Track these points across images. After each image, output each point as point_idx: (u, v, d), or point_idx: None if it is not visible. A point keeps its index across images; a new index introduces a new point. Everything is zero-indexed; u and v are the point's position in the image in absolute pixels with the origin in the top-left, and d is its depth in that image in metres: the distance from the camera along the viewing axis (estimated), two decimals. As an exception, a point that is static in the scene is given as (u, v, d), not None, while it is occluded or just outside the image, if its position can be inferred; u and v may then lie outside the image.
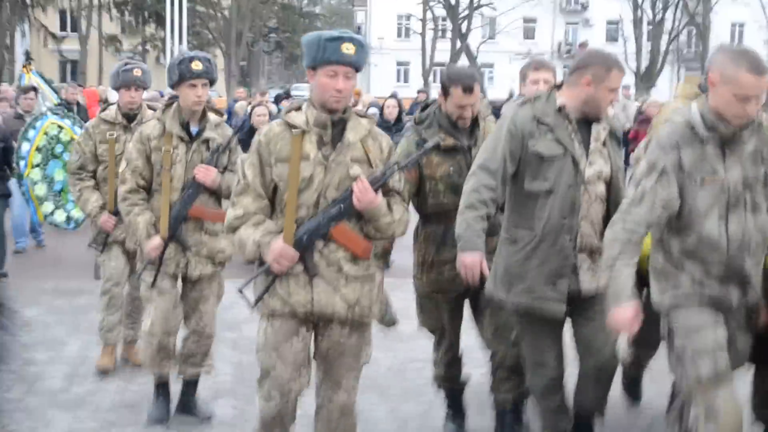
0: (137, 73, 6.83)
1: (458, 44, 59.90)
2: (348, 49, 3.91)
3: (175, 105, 5.60)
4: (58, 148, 9.95)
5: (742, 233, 4.07)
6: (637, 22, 61.89)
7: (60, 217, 10.06)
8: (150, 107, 8.18)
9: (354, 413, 4.32)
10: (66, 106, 13.34)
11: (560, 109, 4.57)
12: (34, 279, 11.02)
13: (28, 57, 31.29)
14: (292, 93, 36.59)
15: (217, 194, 5.62)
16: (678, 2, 61.73)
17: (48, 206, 10.12)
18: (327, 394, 4.18)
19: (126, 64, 7.11)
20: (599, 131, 4.71)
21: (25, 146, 10.19)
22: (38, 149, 10.02)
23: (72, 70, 60.66)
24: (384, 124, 13.12)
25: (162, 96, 16.20)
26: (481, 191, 4.51)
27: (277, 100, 23.69)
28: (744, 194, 4.08)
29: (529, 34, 69.37)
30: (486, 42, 63.17)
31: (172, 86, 5.63)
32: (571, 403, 5.01)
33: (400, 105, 14.98)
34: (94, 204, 6.70)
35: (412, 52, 65.56)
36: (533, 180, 4.56)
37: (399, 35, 70.44)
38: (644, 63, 61.72)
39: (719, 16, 63.66)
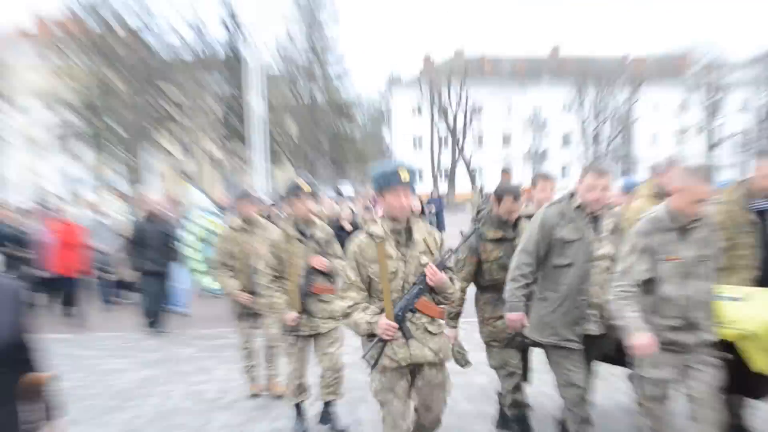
0: (251, 192, 8.46)
1: (456, 154, 64.92)
2: (404, 174, 4.57)
3: (291, 217, 6.47)
4: (212, 237, 10.94)
5: (695, 294, 4.68)
6: (583, 133, 67.83)
7: (216, 285, 10.76)
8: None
9: (440, 424, 4.91)
10: (220, 208, 13.86)
11: (578, 207, 5.22)
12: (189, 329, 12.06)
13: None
14: (340, 188, 40.13)
15: (328, 276, 6.34)
16: (612, 117, 67.36)
17: (207, 279, 11.50)
18: (421, 416, 4.78)
19: (242, 189, 8.71)
20: (607, 224, 5.29)
21: (190, 237, 11.58)
22: (201, 239, 11.48)
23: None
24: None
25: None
26: (522, 268, 5.28)
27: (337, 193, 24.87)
28: (695, 268, 4.67)
29: (506, 141, 73.08)
30: (476, 152, 67.48)
31: (285, 200, 6.67)
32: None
33: (420, 201, 15.61)
34: (233, 287, 7.58)
35: (424, 159, 67.47)
36: (558, 258, 5.21)
37: (414, 148, 71.55)
38: (589, 159, 65.30)
39: (640, 127, 69.45)
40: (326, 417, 6.55)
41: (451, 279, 4.68)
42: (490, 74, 74.26)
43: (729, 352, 4.72)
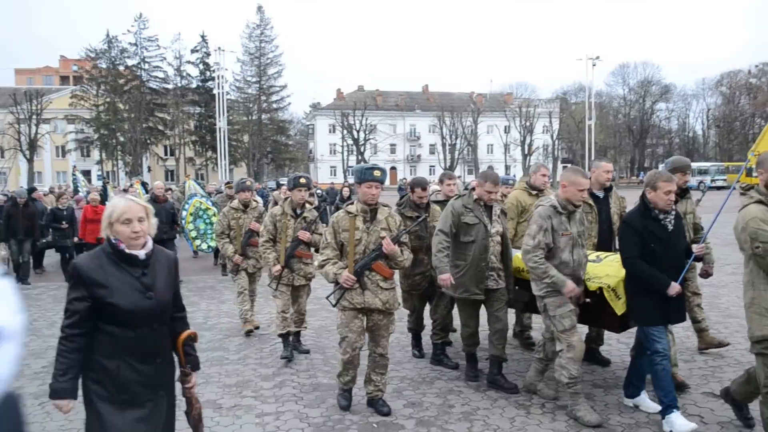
0: (248, 183, 8.08)
1: (359, 158, 68.88)
2: (377, 173, 4.72)
3: (289, 199, 6.55)
4: (200, 212, 12.37)
5: (579, 258, 4.79)
6: (443, 146, 72.87)
7: (204, 246, 12.53)
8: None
9: (387, 358, 4.97)
10: (208, 193, 15.13)
11: (476, 200, 5.38)
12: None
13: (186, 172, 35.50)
14: (280, 182, 38.71)
15: (309, 245, 6.49)
16: (462, 135, 72.75)
17: (197, 242, 12.47)
18: (372, 348, 4.92)
19: (242, 179, 8.38)
20: (496, 210, 5.47)
21: (183, 213, 12.25)
22: (191, 214, 12.31)
23: (171, 175, 65.92)
24: (341, 199, 15.23)
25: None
26: (443, 243, 5.32)
27: (277, 186, 24.84)
28: (578, 239, 4.80)
29: (392, 151, 79.33)
30: (372, 156, 72.23)
31: (290, 189, 6.58)
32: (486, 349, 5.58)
33: (351, 189, 15.76)
34: (231, 251, 7.65)
35: (337, 162, 73.54)
36: (464, 236, 5.34)
37: (330, 153, 77.88)
38: (448, 163, 71.16)
39: (481, 142, 76.19)
40: (296, 343, 6.68)
41: (402, 251, 4.79)
42: (382, 104, 79.45)
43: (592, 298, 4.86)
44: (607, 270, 4.83)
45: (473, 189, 5.50)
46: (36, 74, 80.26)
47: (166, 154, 67.77)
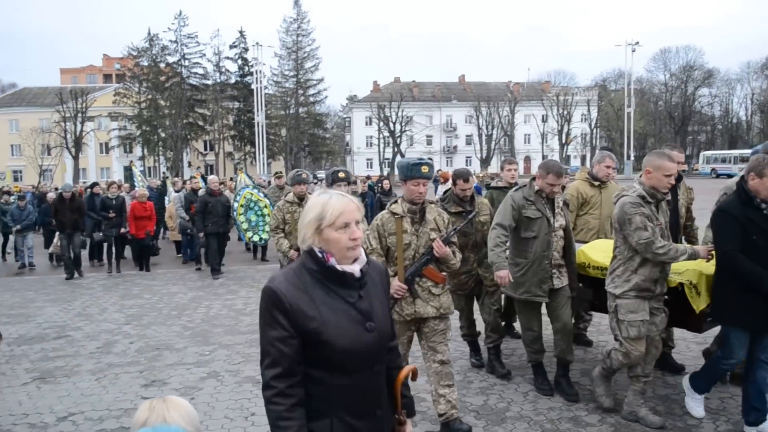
0: (304, 176, 7.61)
1: (395, 150, 69.16)
2: (425, 169, 4.22)
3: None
4: (251, 204, 12.11)
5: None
6: (480, 136, 72.64)
7: (256, 238, 12.28)
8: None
9: (450, 365, 4.42)
10: (258, 185, 14.79)
11: (537, 191, 4.95)
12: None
13: (236, 165, 36.24)
14: (318, 174, 45.27)
15: None
16: (498, 125, 72.20)
17: (249, 233, 12.16)
18: (430, 358, 4.38)
19: (298, 171, 7.83)
20: (558, 202, 5.04)
21: (234, 205, 12.08)
22: (242, 206, 12.06)
23: (210, 170, 65.01)
24: (381, 191, 14.39)
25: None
26: (501, 237, 4.89)
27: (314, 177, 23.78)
28: (665, 230, 4.38)
29: (428, 142, 79.00)
30: (408, 148, 72.02)
31: (329, 185, 6.15)
32: (551, 350, 5.20)
33: (390, 182, 15.28)
34: (286, 246, 7.18)
35: (374, 154, 74.18)
36: (525, 231, 4.93)
37: (367, 145, 77.46)
38: (484, 154, 71.60)
39: (518, 132, 75.11)
40: None
41: (453, 252, 4.35)
42: (418, 95, 79.66)
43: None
44: (686, 264, 4.40)
45: (533, 179, 5.07)
46: (80, 73, 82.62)
47: (205, 149, 68.97)
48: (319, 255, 2.15)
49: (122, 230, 12.31)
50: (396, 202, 4.40)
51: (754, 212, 4.00)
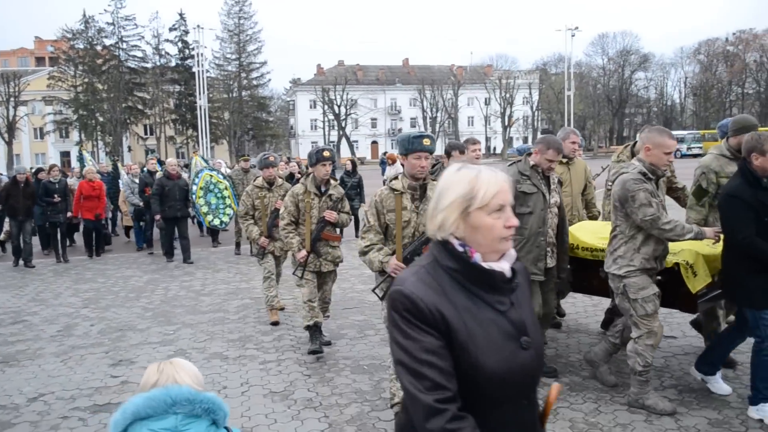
0: (271, 159, 7.22)
1: (341, 133, 69.11)
2: (427, 142, 4.03)
3: (311, 175, 5.72)
4: (211, 186, 11.74)
5: None
6: (425, 119, 73.33)
7: (216, 222, 11.93)
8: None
9: None
10: (213, 167, 13.56)
11: (533, 167, 4.73)
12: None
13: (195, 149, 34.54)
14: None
15: (336, 225, 5.79)
16: (443, 108, 73.21)
17: (209, 217, 11.83)
18: None
19: (264, 154, 7.37)
20: (553, 179, 4.86)
21: (193, 187, 11.66)
22: (201, 188, 11.66)
23: (150, 153, 68.97)
24: (345, 173, 13.18)
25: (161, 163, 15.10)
26: None
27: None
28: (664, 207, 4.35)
29: (373, 125, 79.64)
30: (353, 131, 73.20)
31: (312, 165, 5.71)
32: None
33: (354, 162, 13.76)
34: (256, 233, 6.96)
35: (319, 137, 72.83)
36: (520, 206, 4.57)
37: (312, 129, 77.34)
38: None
39: (462, 114, 76.91)
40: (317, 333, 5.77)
41: None
42: (362, 78, 79.57)
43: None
44: (681, 245, 4.31)
45: (529, 154, 4.87)
46: (11, 56, 79.31)
47: (146, 134, 67.67)
48: (460, 249, 1.64)
49: (68, 215, 11.84)
50: (396, 177, 4.25)
51: (763, 193, 3.93)
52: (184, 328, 6.92)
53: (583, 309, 6.59)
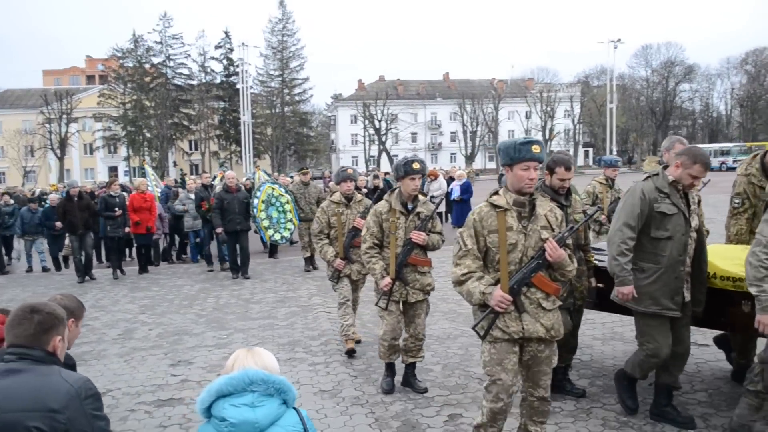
0: (350, 172, 6.35)
1: (381, 147, 70.03)
2: (536, 149, 3.42)
3: (397, 191, 5.04)
4: (273, 200, 11.49)
5: None
6: (465, 133, 72.87)
7: (277, 237, 11.61)
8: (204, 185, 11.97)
9: (549, 402, 3.66)
10: (275, 181, 13.48)
11: (673, 183, 4.07)
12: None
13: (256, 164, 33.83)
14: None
15: (425, 248, 5.01)
16: (483, 122, 72.85)
17: (270, 231, 11.55)
18: (529, 390, 3.62)
19: (343, 167, 6.49)
20: (693, 198, 4.18)
21: (255, 201, 11.39)
22: (263, 201, 11.41)
23: (195, 169, 64.23)
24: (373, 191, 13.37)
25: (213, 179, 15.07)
26: (627, 242, 4.00)
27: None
28: None
29: (413, 140, 78.82)
30: (393, 145, 73.24)
31: (399, 178, 4.99)
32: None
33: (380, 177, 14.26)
34: (332, 254, 6.18)
35: (359, 152, 74.24)
36: (657, 230, 4.03)
37: (353, 143, 78.52)
38: (469, 151, 71.86)
39: (502, 128, 75.23)
40: (408, 378, 5.19)
41: (570, 256, 3.52)
42: (403, 93, 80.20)
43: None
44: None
45: (665, 167, 4.22)
46: (63, 75, 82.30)
47: (191, 149, 69.04)
48: None
49: (126, 229, 11.71)
50: (497, 192, 3.60)
51: None
52: (237, 333, 7.32)
53: (618, 318, 6.74)
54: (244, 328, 7.50)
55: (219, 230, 10.99)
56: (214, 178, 14.74)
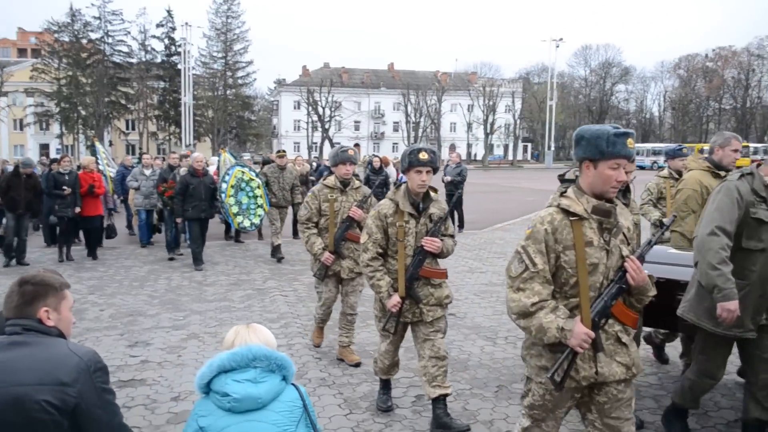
0: (351, 153, 5.41)
1: (324, 135, 68.93)
2: (631, 144, 2.65)
3: (403, 187, 4.15)
4: (243, 184, 10.63)
5: None
6: (408, 123, 73.27)
7: (246, 223, 10.83)
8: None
9: None
10: (245, 163, 12.16)
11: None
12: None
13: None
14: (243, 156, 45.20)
15: (438, 255, 4.14)
16: (426, 113, 73.17)
17: (239, 218, 10.74)
18: None
19: (342, 147, 5.61)
20: None
21: (223, 186, 10.58)
22: (232, 186, 10.56)
23: (132, 149, 62.73)
24: (372, 171, 12.26)
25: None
26: (726, 249, 3.38)
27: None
28: None
29: (356, 128, 78.86)
30: (336, 133, 72.41)
31: (404, 171, 4.16)
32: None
33: (381, 161, 12.75)
34: (319, 246, 5.28)
35: (301, 138, 74.31)
36: (749, 240, 3.45)
37: (295, 129, 78.06)
38: (411, 141, 69.85)
39: (445, 120, 77.00)
40: (441, 419, 4.07)
41: (650, 277, 2.74)
42: (347, 81, 79.94)
43: None
44: None
45: (758, 165, 3.66)
46: (-9, 46, 78.30)
47: (128, 129, 67.26)
48: None
49: (77, 209, 10.71)
50: (564, 194, 2.78)
51: None
52: (193, 314, 7.20)
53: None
54: (200, 310, 7.39)
55: (179, 220, 10.33)
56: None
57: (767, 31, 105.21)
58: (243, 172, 10.71)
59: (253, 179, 10.71)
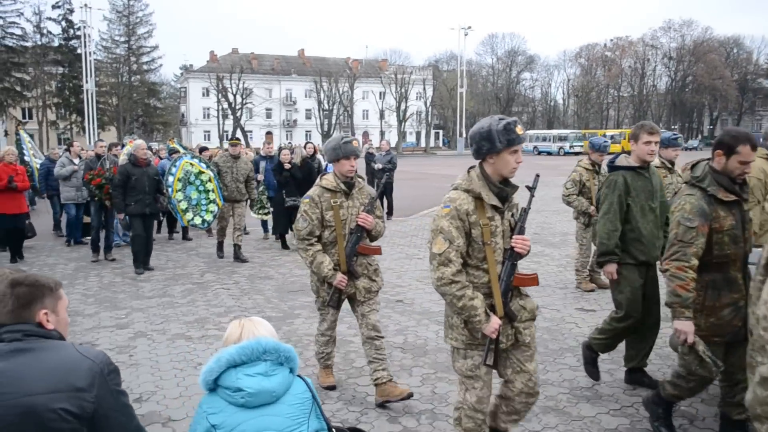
0: (355, 144, 4.27)
1: (235, 122, 67.96)
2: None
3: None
4: (192, 178, 9.59)
5: None
6: (321, 111, 73.34)
7: (197, 221, 9.77)
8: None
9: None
10: (194, 154, 10.92)
11: None
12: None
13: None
14: (151, 145, 44.49)
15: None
16: (338, 101, 73.73)
17: (189, 215, 9.70)
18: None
19: (343, 138, 4.31)
20: None
21: (170, 179, 9.52)
22: (179, 179, 9.54)
23: (32, 139, 64.72)
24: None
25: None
26: None
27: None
28: None
29: (268, 116, 78.52)
30: (248, 120, 72.84)
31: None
32: None
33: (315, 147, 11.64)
34: (328, 267, 4.25)
35: (212, 126, 73.15)
36: None
37: (205, 117, 76.50)
38: (325, 129, 71.53)
39: (357, 107, 77.04)
40: None
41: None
42: (257, 67, 78.73)
43: None
44: None
45: None
46: None
47: (24, 117, 63.03)
48: None
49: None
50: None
51: None
52: (135, 312, 7.00)
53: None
54: (141, 307, 7.19)
55: (120, 216, 9.35)
56: (122, 147, 12.44)
57: (660, 22, 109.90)
58: (192, 164, 9.68)
59: (203, 171, 9.67)
